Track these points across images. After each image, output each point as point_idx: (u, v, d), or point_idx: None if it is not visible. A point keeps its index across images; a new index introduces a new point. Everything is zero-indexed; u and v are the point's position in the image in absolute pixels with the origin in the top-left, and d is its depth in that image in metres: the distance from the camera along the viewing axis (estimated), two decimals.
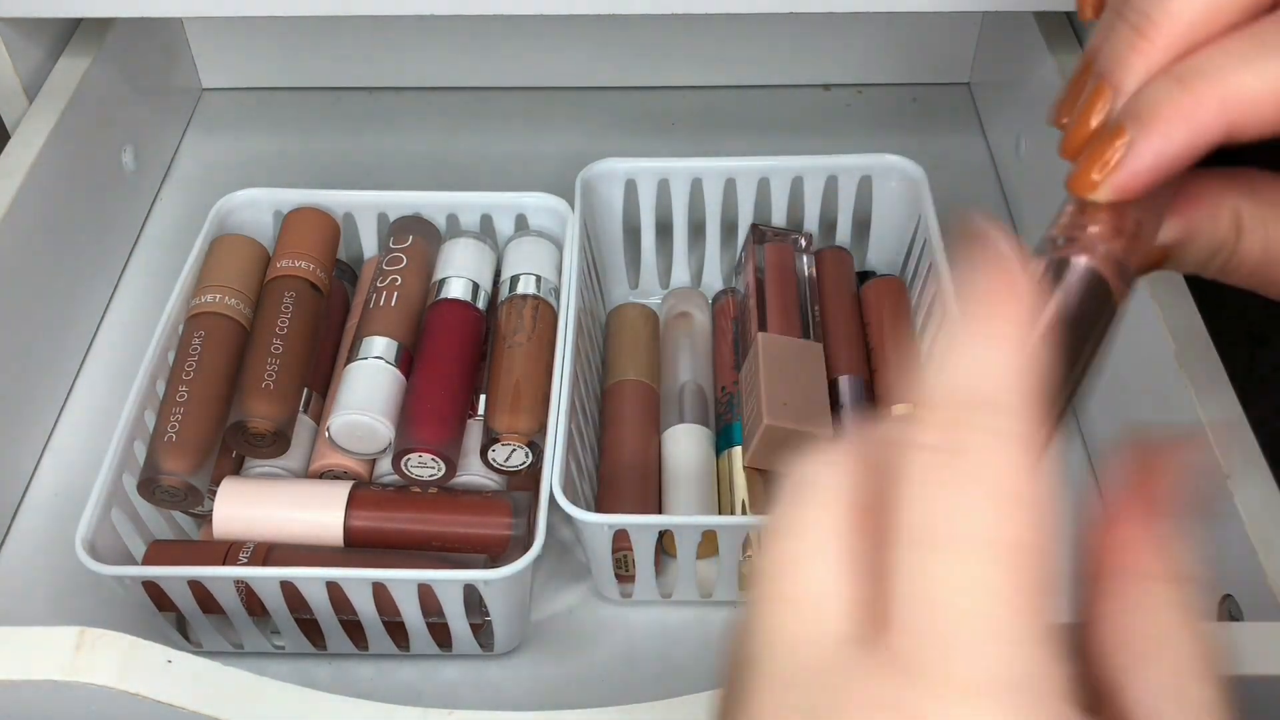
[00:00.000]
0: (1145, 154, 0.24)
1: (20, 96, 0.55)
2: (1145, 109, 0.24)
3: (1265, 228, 0.27)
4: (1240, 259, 0.28)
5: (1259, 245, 0.27)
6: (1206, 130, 0.24)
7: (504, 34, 0.69)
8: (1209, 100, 0.24)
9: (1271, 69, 0.23)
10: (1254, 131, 0.24)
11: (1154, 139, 0.24)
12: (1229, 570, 0.39)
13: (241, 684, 0.34)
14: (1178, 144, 0.24)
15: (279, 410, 0.45)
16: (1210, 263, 0.28)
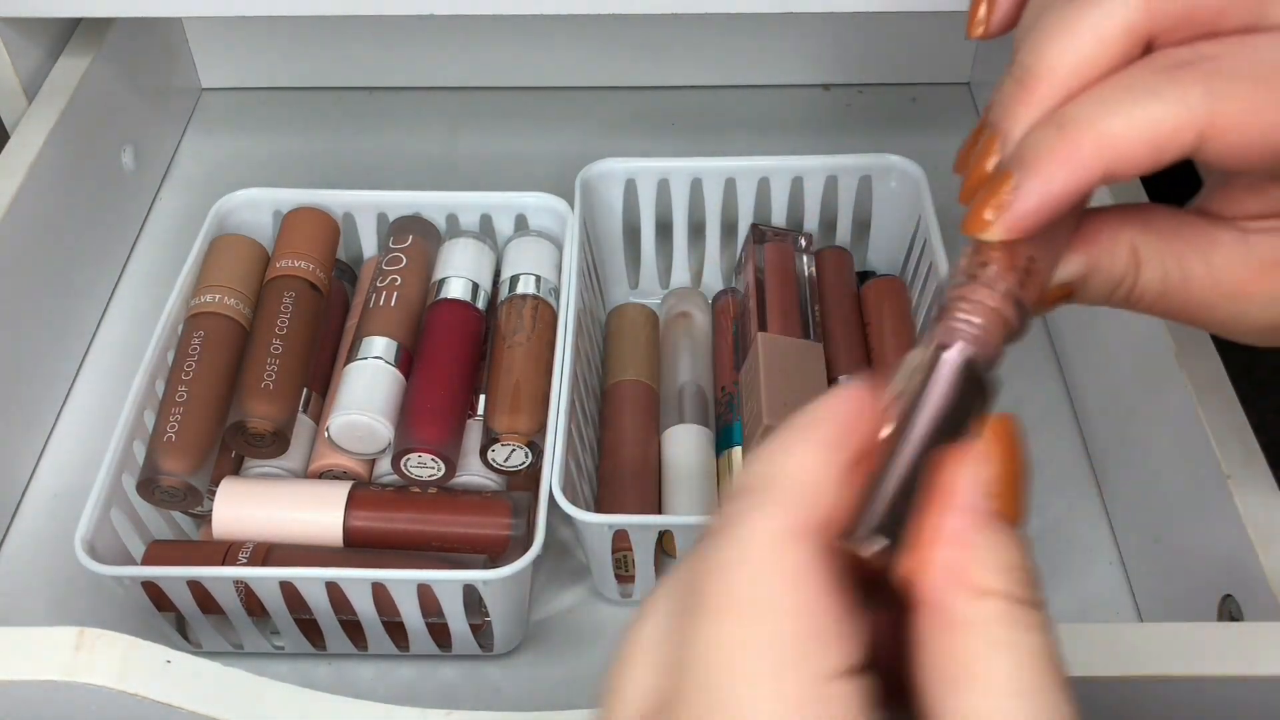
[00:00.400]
0: (1031, 196, 0.26)
1: (20, 96, 0.55)
2: (1029, 154, 0.26)
3: (1162, 260, 0.28)
4: (1141, 291, 0.29)
5: (1158, 277, 0.29)
6: (1085, 172, 0.25)
7: (504, 34, 0.69)
8: (1085, 145, 0.25)
9: (1138, 114, 0.25)
10: (1130, 171, 0.26)
11: (1037, 182, 0.26)
12: (1229, 570, 0.39)
13: (241, 684, 0.34)
14: (1059, 185, 0.26)
15: (278, 410, 0.45)
16: (1114, 295, 0.29)
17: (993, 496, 0.22)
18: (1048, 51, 0.27)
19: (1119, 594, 0.47)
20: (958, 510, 0.22)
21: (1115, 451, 0.49)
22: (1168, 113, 0.25)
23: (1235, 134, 0.26)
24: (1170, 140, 0.25)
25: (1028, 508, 0.23)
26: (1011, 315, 0.27)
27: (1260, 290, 0.29)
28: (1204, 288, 0.29)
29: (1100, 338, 0.51)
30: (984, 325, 0.27)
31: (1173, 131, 0.25)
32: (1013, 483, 0.22)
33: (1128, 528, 0.48)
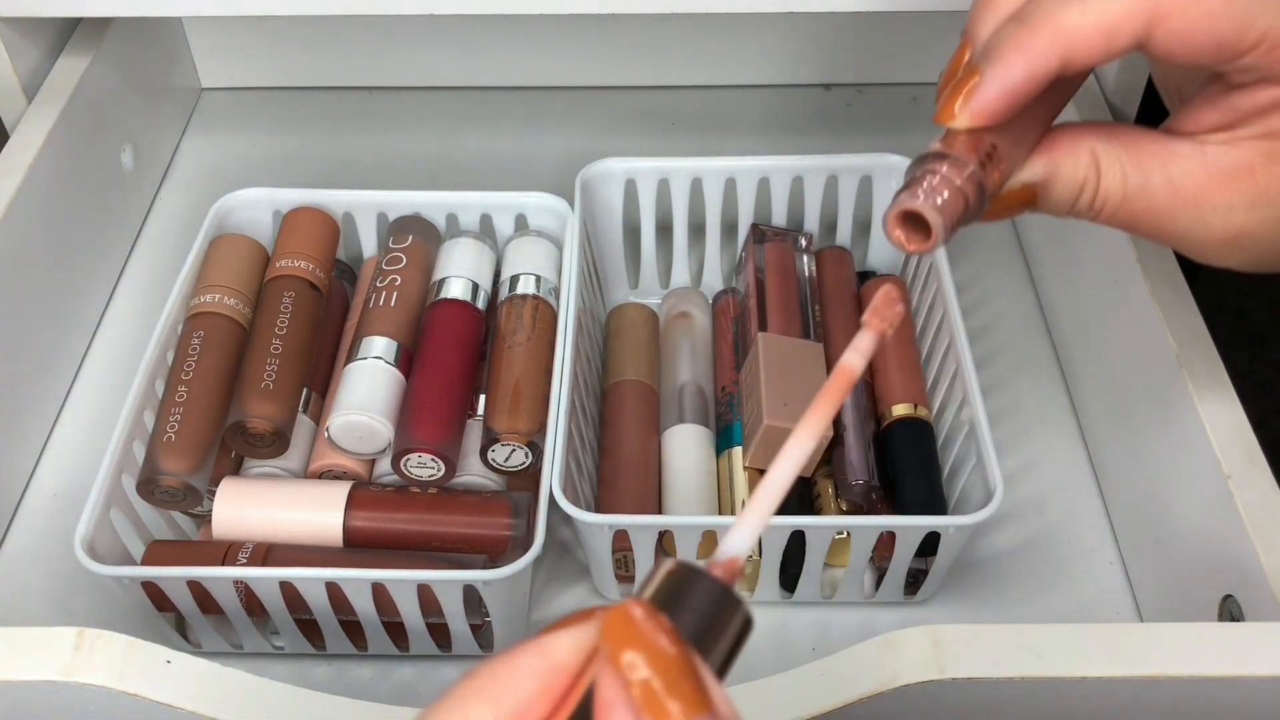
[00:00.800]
0: (993, 83, 0.28)
1: (19, 96, 0.55)
2: (992, 47, 0.29)
3: (1122, 166, 0.30)
4: (1104, 195, 0.31)
5: (1118, 181, 0.31)
6: (1043, 60, 0.28)
7: (504, 34, 0.69)
8: (1042, 33, 0.28)
9: (1092, 6, 0.28)
10: (1084, 61, 0.28)
11: (998, 69, 0.28)
12: (1229, 570, 0.39)
13: (240, 684, 0.33)
14: (1019, 73, 0.28)
15: (278, 410, 0.45)
16: (1078, 202, 0.31)
17: (650, 705, 0.19)
18: None
19: (1119, 594, 0.47)
20: None
21: (1115, 451, 0.49)
22: (1117, 4, 0.28)
23: (1178, 21, 0.28)
24: (1120, 28, 0.28)
25: (702, 690, 0.20)
26: (972, 194, 0.29)
27: (1218, 198, 0.30)
28: (1164, 194, 0.31)
29: (1101, 337, 0.51)
30: (948, 198, 0.29)
31: (1121, 19, 0.28)
32: (666, 675, 0.20)
33: (1128, 528, 0.48)
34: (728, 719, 0.20)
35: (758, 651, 0.46)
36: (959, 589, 0.47)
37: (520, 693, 0.20)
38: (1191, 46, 0.28)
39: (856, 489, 0.46)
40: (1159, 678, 0.33)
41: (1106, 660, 0.33)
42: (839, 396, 0.24)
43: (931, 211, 0.29)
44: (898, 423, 0.48)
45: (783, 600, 0.47)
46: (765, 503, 0.23)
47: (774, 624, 0.46)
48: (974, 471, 0.44)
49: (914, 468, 0.47)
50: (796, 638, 0.46)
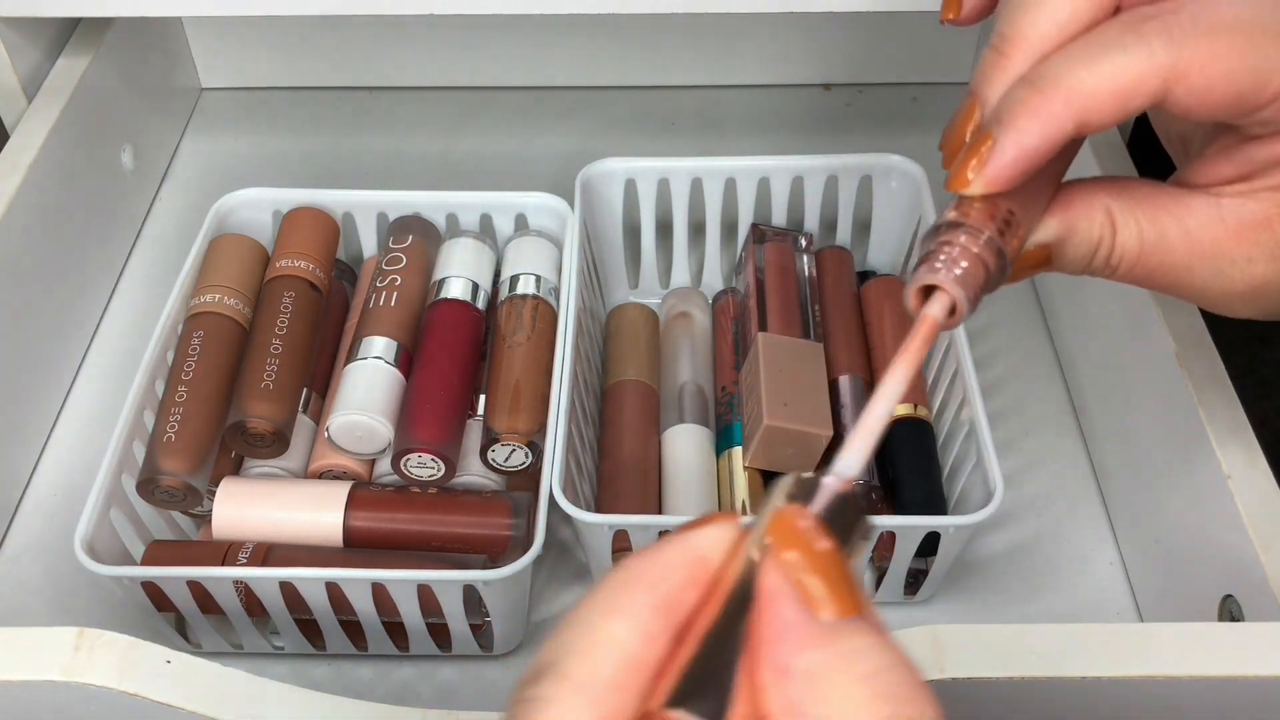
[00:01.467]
0: (1008, 149, 0.27)
1: (19, 96, 0.55)
2: (1004, 111, 0.28)
3: (1137, 222, 0.30)
4: (1119, 253, 0.30)
5: (1134, 237, 0.30)
6: (1058, 123, 0.27)
7: (504, 34, 0.69)
8: (1056, 98, 0.27)
9: (1105, 66, 0.27)
10: (1100, 122, 0.27)
11: (1012, 134, 0.27)
12: (1229, 570, 0.39)
13: (240, 684, 0.33)
14: (1034, 138, 0.27)
15: (278, 410, 0.45)
16: (1094, 260, 0.31)
17: (811, 600, 0.21)
18: (1021, 20, 0.29)
19: (1119, 594, 0.47)
20: (777, 643, 0.20)
21: (1116, 451, 0.49)
22: (1132, 62, 0.27)
23: (1197, 78, 0.27)
24: (1136, 89, 0.27)
25: (857, 594, 0.21)
26: (992, 262, 0.28)
27: (1237, 251, 0.30)
28: (1181, 249, 0.30)
29: (1101, 337, 0.51)
30: (967, 268, 0.28)
31: (1138, 80, 0.27)
32: (825, 573, 0.21)
33: (1128, 528, 0.48)
34: (874, 619, 0.21)
35: None
36: (959, 589, 0.47)
37: (671, 582, 0.21)
38: (1209, 103, 0.28)
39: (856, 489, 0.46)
40: (1159, 678, 0.33)
41: (1106, 660, 0.33)
42: (926, 343, 0.26)
43: (952, 285, 0.28)
44: (898, 423, 0.48)
45: None
46: (872, 428, 0.24)
47: None
48: (974, 471, 0.44)
49: (914, 468, 0.47)
50: None
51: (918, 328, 0.26)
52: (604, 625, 0.20)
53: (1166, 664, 0.33)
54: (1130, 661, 0.33)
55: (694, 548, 0.22)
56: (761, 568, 0.21)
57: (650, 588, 0.21)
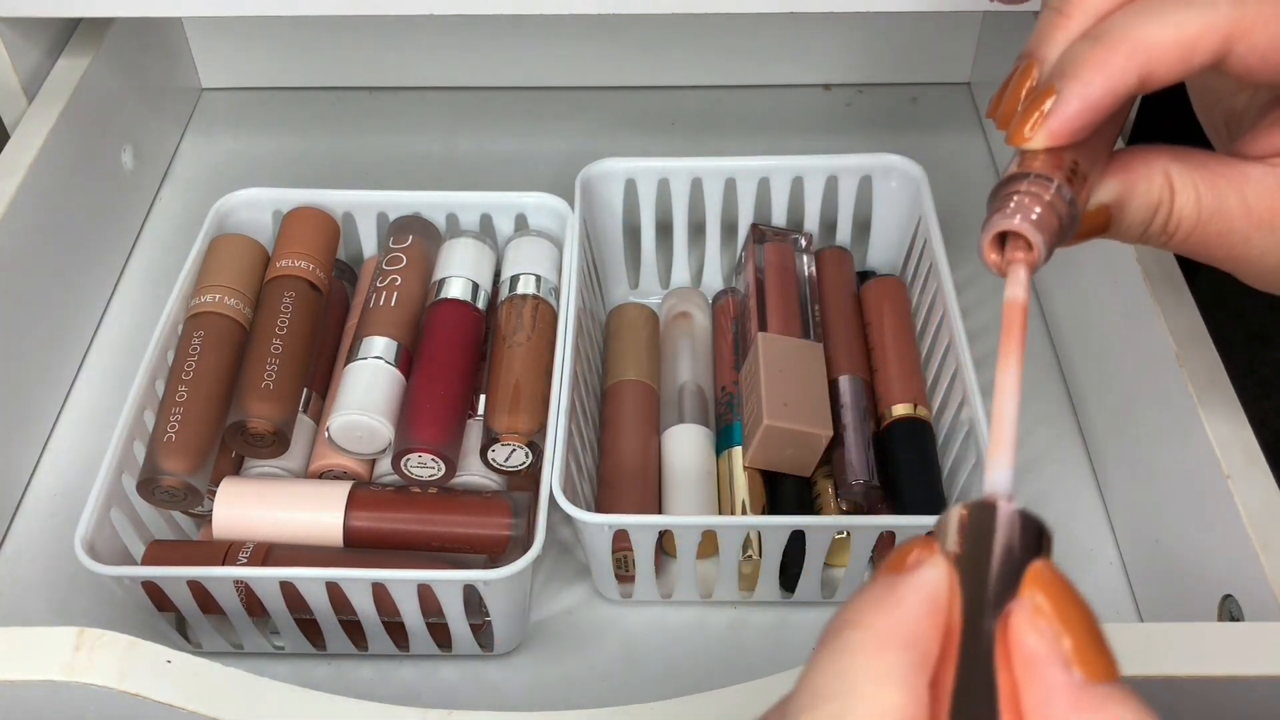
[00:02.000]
0: (1071, 101, 0.28)
1: (19, 96, 0.55)
2: (1067, 64, 0.28)
3: (1195, 187, 0.30)
4: (1178, 217, 0.30)
5: (1192, 203, 0.30)
6: (1122, 76, 0.27)
7: (504, 34, 0.69)
8: (1120, 50, 0.27)
9: (1169, 21, 0.27)
10: (1163, 77, 0.28)
11: (1076, 87, 0.28)
12: (1229, 570, 0.39)
13: (241, 684, 0.34)
14: (1098, 90, 0.27)
15: (278, 410, 0.45)
16: (1153, 222, 0.31)
17: (1074, 663, 0.20)
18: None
19: (1119, 594, 0.47)
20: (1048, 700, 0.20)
21: (1115, 452, 0.49)
22: (1197, 17, 0.27)
23: (1260, 35, 0.27)
24: (1199, 44, 0.27)
25: (1112, 656, 0.20)
26: (1063, 209, 0.28)
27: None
28: (1239, 217, 0.30)
29: (1101, 337, 0.51)
30: (1041, 214, 0.28)
31: (1200, 35, 0.27)
32: (1086, 634, 0.21)
33: (1128, 528, 0.48)
34: (1125, 692, 0.20)
35: (758, 651, 0.46)
36: None
37: (924, 638, 0.20)
38: (1273, 63, 0.28)
39: (856, 489, 0.46)
40: (1159, 678, 0.33)
41: None
42: (1019, 327, 0.25)
43: (1029, 228, 0.27)
44: (897, 422, 0.48)
45: (783, 600, 0.47)
46: (1009, 434, 0.24)
47: (774, 624, 0.46)
48: (974, 471, 0.44)
49: (914, 468, 0.47)
50: (796, 638, 0.46)
51: (1009, 316, 0.26)
52: (882, 695, 0.19)
53: (1166, 664, 0.33)
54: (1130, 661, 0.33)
55: (927, 593, 0.21)
56: (1016, 625, 0.21)
57: (909, 646, 0.20)
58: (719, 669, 0.45)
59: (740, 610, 0.47)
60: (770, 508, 0.47)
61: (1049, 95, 0.28)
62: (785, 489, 0.48)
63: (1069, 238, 0.29)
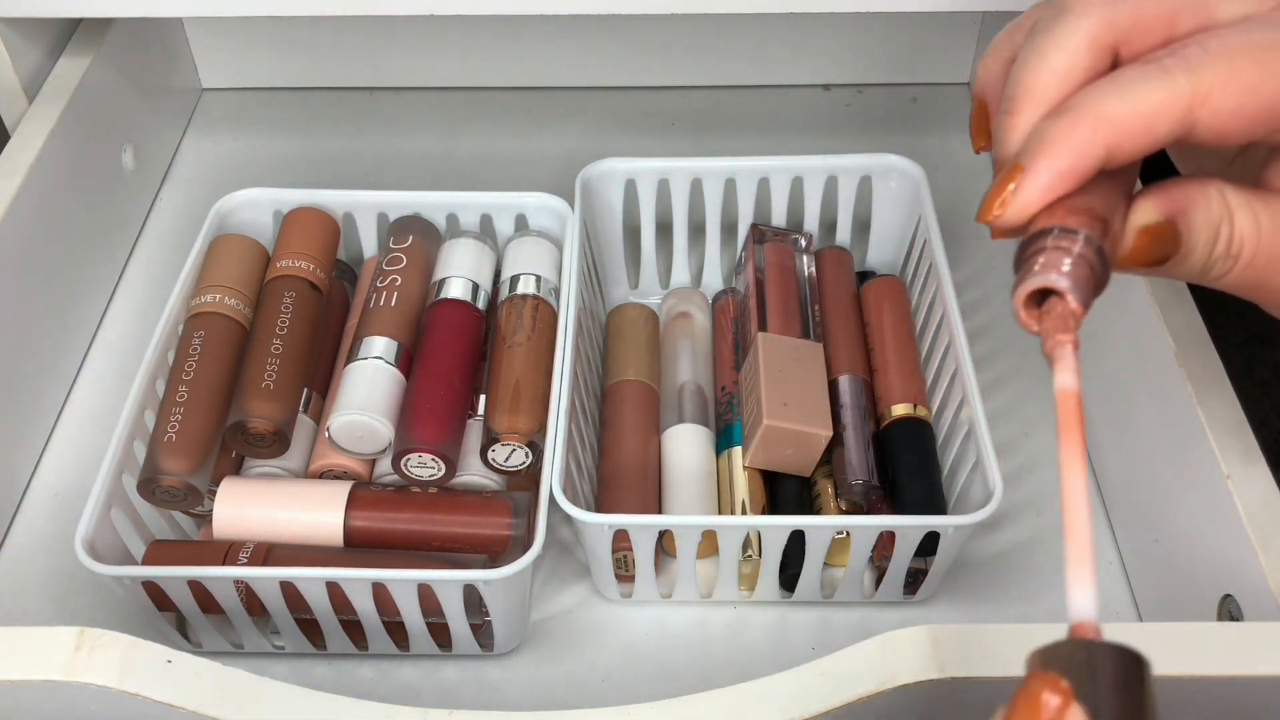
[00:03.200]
0: (1040, 174, 0.28)
1: (20, 97, 0.55)
2: (1034, 141, 0.28)
3: (1250, 206, 0.30)
4: (1239, 239, 0.30)
5: (1250, 221, 0.30)
6: (1089, 147, 0.28)
7: (504, 34, 0.69)
8: (1084, 122, 0.28)
9: (1131, 95, 0.28)
10: (1130, 149, 0.28)
11: (1044, 160, 0.28)
12: (1229, 570, 0.39)
13: (241, 684, 0.34)
14: (1065, 162, 0.28)
15: (279, 410, 0.45)
16: (1216, 247, 0.30)
17: None
18: (1025, 76, 0.30)
19: (1119, 594, 0.47)
20: None
21: (1115, 451, 0.49)
22: (1156, 91, 0.28)
23: (1220, 97, 0.27)
24: (1160, 117, 0.28)
25: None
26: (1093, 258, 0.27)
27: None
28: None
29: (1100, 337, 0.51)
30: (1071, 266, 0.27)
31: (1163, 105, 0.27)
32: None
33: (1127, 528, 0.48)
34: None
35: (758, 651, 0.46)
36: (959, 589, 0.47)
37: None
38: (1241, 119, 0.28)
39: (856, 489, 0.46)
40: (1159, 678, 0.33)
41: None
42: (1077, 423, 0.24)
43: (1060, 280, 0.27)
44: (897, 422, 0.48)
45: (783, 600, 0.47)
46: (1085, 551, 0.23)
47: (774, 624, 0.46)
48: (973, 471, 0.44)
49: (914, 467, 0.47)
50: (796, 638, 0.46)
51: (1065, 410, 0.25)
52: None
53: (1166, 664, 0.33)
54: None
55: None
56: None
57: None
58: (719, 669, 0.45)
59: (740, 610, 0.47)
60: (770, 508, 0.47)
61: (1016, 173, 0.28)
62: (785, 489, 0.48)
63: (1106, 283, 0.28)
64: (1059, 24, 0.29)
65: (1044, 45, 0.29)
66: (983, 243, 0.61)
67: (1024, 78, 0.30)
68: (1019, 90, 0.30)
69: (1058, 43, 0.29)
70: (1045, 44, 0.29)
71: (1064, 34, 0.29)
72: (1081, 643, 0.21)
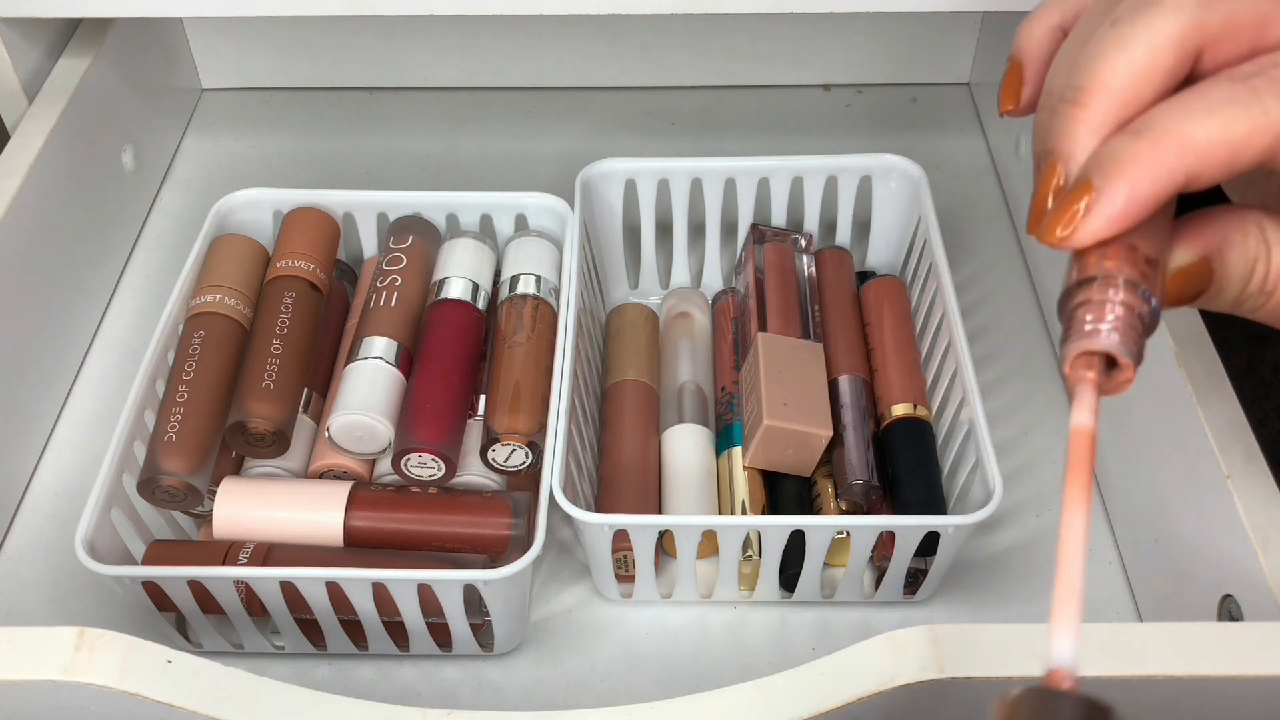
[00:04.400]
0: (1116, 199, 0.26)
1: (20, 97, 0.55)
2: (1108, 160, 0.26)
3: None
4: (1275, 275, 0.28)
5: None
6: (1168, 175, 0.26)
7: (504, 34, 0.69)
8: (1167, 148, 0.26)
9: (1217, 119, 0.26)
10: (1210, 177, 0.26)
11: (1120, 184, 0.26)
12: (1229, 571, 0.39)
13: (241, 684, 0.34)
14: (1143, 188, 0.26)
15: (279, 410, 0.45)
16: (1251, 280, 0.29)
17: None
18: (1099, 68, 0.27)
19: (1119, 594, 0.47)
20: None
21: (1115, 451, 0.49)
22: (1245, 117, 0.26)
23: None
24: (1249, 143, 0.26)
25: None
26: (1144, 310, 0.26)
27: None
28: None
29: None
30: (1120, 316, 0.26)
31: (1251, 134, 0.26)
32: None
33: (1127, 528, 0.48)
34: None
35: (758, 651, 0.46)
36: (959, 589, 0.47)
37: None
38: None
39: (856, 489, 0.46)
40: (1159, 678, 0.33)
41: (1106, 660, 0.33)
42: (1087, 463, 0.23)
43: (1115, 344, 0.25)
44: (897, 422, 0.48)
45: (783, 600, 0.47)
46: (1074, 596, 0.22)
47: (774, 624, 0.46)
48: (974, 471, 0.44)
49: (914, 468, 0.47)
50: (796, 638, 0.46)
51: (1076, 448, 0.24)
52: None
53: (1166, 664, 0.33)
54: (1130, 661, 0.33)
55: None
56: None
57: None
58: (719, 669, 0.45)
59: (740, 610, 0.47)
60: (770, 508, 0.47)
61: (1086, 192, 0.26)
62: (785, 489, 0.48)
63: (1156, 327, 0.27)
64: (1147, 16, 0.27)
65: (1126, 36, 0.27)
66: (983, 243, 0.61)
67: (1097, 68, 0.27)
68: (1090, 81, 0.27)
69: (1143, 36, 0.27)
70: (1128, 35, 0.27)
71: (1152, 28, 0.27)
72: (1052, 692, 0.21)
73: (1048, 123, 0.28)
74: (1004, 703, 0.21)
